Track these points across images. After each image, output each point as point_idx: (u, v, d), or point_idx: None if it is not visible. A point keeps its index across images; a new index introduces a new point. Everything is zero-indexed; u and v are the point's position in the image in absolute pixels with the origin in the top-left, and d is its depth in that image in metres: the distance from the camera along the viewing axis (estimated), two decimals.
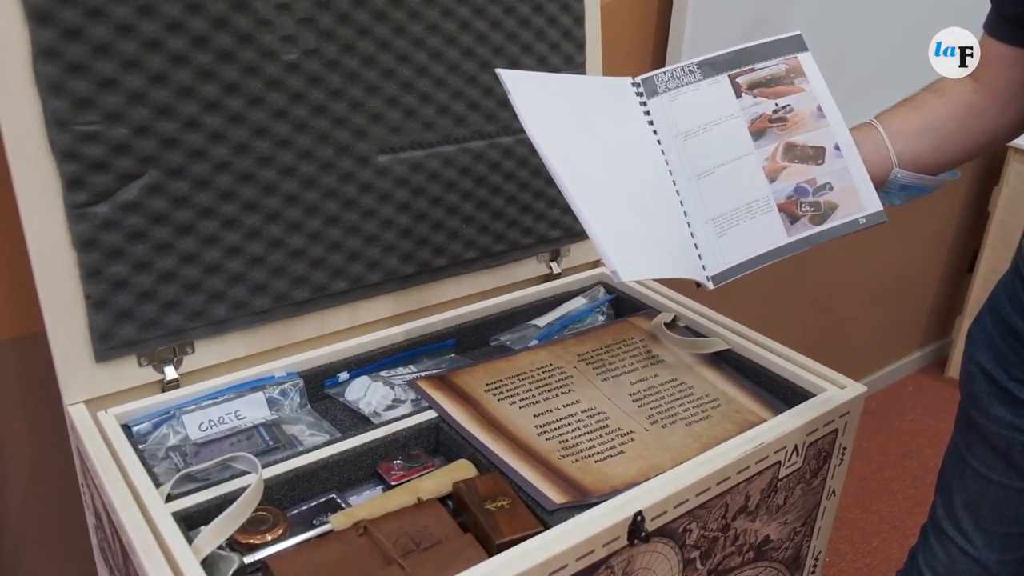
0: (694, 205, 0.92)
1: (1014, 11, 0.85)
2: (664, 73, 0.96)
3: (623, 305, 1.32)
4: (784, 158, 0.91)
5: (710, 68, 0.95)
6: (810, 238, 0.89)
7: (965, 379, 1.04)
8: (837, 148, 0.91)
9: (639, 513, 0.84)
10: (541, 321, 1.26)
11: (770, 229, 0.90)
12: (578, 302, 1.30)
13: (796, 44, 0.96)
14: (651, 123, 0.95)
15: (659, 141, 0.94)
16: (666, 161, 0.93)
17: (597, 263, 1.38)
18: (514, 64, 1.18)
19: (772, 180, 0.91)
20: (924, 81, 0.94)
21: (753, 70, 0.94)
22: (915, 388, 2.58)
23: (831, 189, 0.90)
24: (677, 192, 0.92)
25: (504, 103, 1.19)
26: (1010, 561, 1.05)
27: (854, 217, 0.89)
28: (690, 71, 0.94)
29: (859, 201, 0.89)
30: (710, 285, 0.91)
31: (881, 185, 0.93)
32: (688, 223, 0.92)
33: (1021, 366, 0.95)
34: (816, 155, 0.91)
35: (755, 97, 0.94)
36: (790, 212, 0.90)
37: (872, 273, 2.26)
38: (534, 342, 1.21)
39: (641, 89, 0.96)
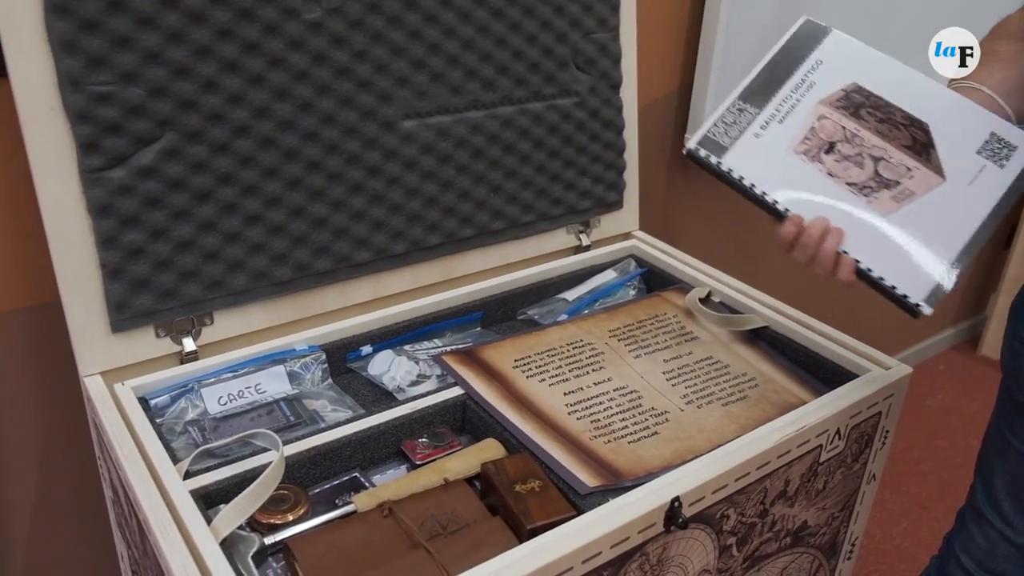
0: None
1: None
2: (717, 126, 0.85)
3: (655, 279, 1.27)
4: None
5: (757, 97, 0.86)
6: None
7: (1008, 356, 0.99)
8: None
9: (676, 498, 0.80)
10: (570, 295, 1.22)
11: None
12: (608, 275, 1.26)
13: (813, 31, 0.90)
14: (740, 178, 0.85)
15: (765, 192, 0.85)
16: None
17: (628, 235, 1.34)
18: (545, 26, 1.13)
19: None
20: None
21: (804, 83, 0.88)
22: (947, 366, 2.52)
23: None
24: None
25: (534, 67, 1.14)
26: None
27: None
28: (741, 110, 0.85)
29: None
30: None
31: None
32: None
33: None
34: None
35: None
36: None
37: None
38: (563, 316, 1.17)
39: (704, 153, 0.85)
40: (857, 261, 0.83)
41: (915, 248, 0.84)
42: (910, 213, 0.85)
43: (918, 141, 0.87)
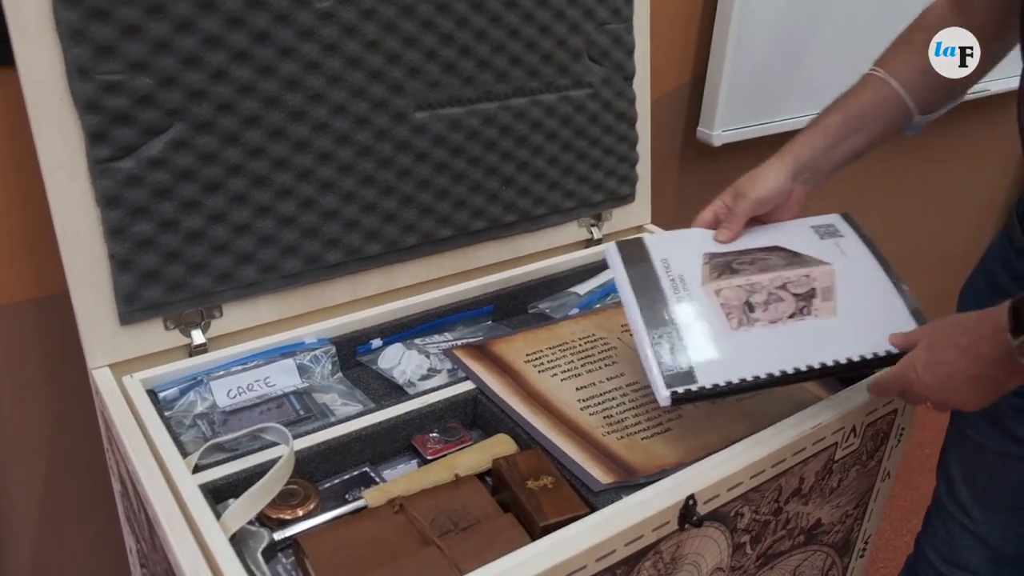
0: None
1: None
2: (663, 364, 0.83)
3: None
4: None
5: (658, 318, 0.87)
6: None
7: None
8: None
9: (691, 496, 0.79)
10: (582, 288, 1.21)
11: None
12: None
13: (629, 248, 0.94)
14: (728, 382, 0.84)
15: None
16: None
17: (640, 228, 1.32)
18: (558, 16, 1.11)
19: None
20: None
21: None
22: None
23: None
24: None
25: (547, 58, 1.12)
26: (1014, 538, 0.99)
27: None
28: (661, 335, 0.85)
29: None
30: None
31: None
32: None
33: None
34: None
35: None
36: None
37: (917, 243, 2.19)
38: (575, 310, 1.16)
39: (682, 390, 0.82)
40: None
41: (877, 315, 0.90)
42: (844, 299, 0.91)
43: (788, 257, 0.95)
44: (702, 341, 0.85)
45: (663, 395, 0.81)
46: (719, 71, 1.45)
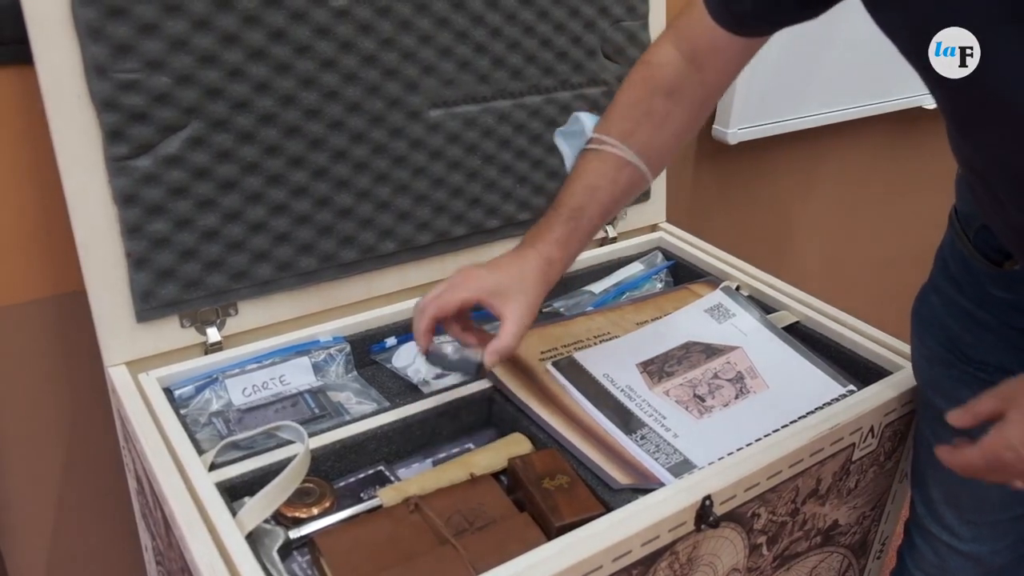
0: None
1: (740, 10, 0.80)
2: (658, 458, 0.87)
3: (682, 272, 1.25)
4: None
5: (632, 422, 0.92)
6: None
7: (921, 364, 0.93)
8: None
9: (708, 497, 0.79)
10: (596, 287, 1.20)
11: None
12: (635, 268, 1.24)
13: (561, 367, 0.99)
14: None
15: None
16: None
17: (655, 227, 1.32)
18: (574, 14, 1.11)
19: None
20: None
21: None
22: None
23: None
24: None
25: (562, 56, 1.12)
26: (1003, 549, 0.95)
27: None
28: (644, 436, 0.89)
29: None
30: None
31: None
32: None
33: (981, 349, 0.85)
34: None
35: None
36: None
37: (924, 242, 2.16)
38: (589, 308, 1.16)
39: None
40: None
41: (797, 372, 1.00)
42: (767, 371, 0.99)
43: (704, 349, 1.02)
44: (681, 433, 0.90)
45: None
46: None
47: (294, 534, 0.79)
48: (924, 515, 0.99)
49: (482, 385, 0.97)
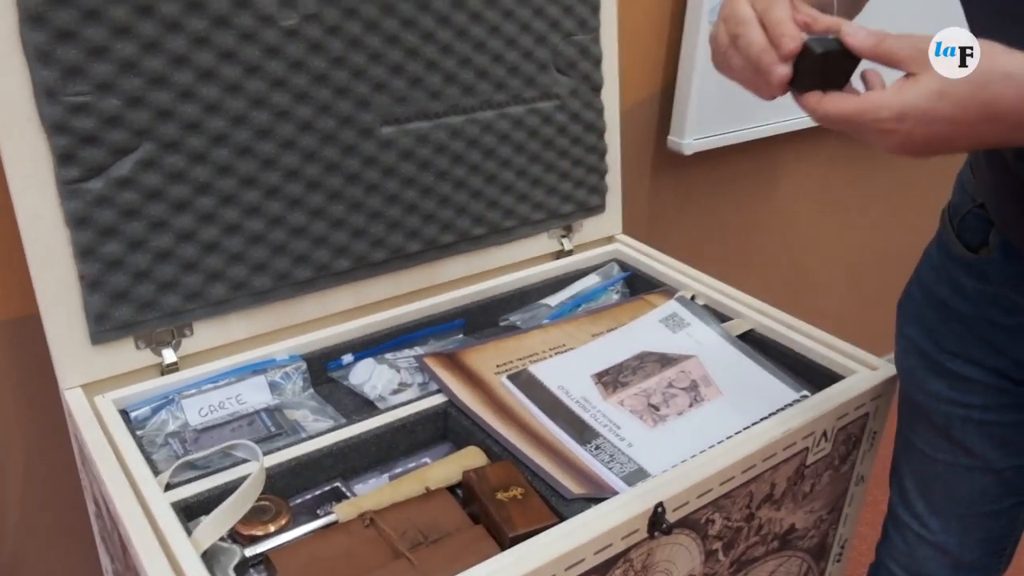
0: None
1: None
2: (613, 467, 0.89)
3: (639, 283, 1.27)
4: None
5: (587, 433, 0.92)
6: None
7: (901, 356, 0.99)
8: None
9: (660, 504, 0.80)
10: (553, 300, 1.22)
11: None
12: (591, 280, 1.26)
13: (519, 379, 1.00)
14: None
15: None
16: None
17: (611, 239, 1.33)
18: (524, 29, 1.12)
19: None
20: None
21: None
22: None
23: None
24: None
25: (513, 71, 1.13)
26: (972, 544, 0.99)
27: None
28: (599, 447, 0.91)
29: None
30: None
31: None
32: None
33: (951, 338, 0.90)
34: None
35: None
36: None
37: (887, 246, 2.20)
38: (545, 322, 1.17)
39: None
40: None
41: (751, 380, 1.01)
42: (721, 379, 1.00)
43: (659, 359, 1.04)
44: (636, 442, 0.91)
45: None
46: (689, 79, 1.46)
47: (250, 552, 0.79)
48: (897, 504, 1.03)
49: (437, 400, 0.97)
